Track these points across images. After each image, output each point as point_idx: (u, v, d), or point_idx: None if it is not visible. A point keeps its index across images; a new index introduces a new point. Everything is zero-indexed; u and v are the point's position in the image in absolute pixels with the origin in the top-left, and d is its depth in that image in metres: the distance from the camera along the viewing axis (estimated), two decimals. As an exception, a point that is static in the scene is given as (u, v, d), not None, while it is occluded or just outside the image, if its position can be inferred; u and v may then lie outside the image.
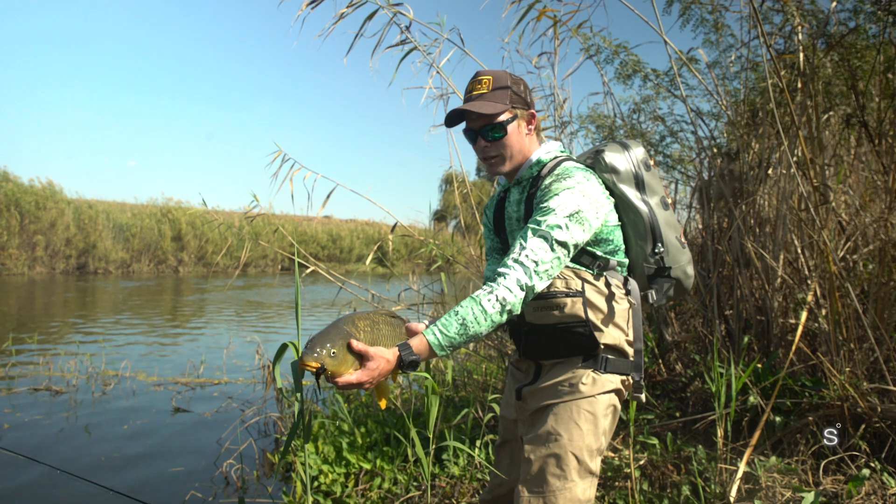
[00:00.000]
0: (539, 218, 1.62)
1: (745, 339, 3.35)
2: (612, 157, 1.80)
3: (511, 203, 1.86)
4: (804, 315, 3.08)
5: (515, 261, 1.56)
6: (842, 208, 3.63)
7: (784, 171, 3.47)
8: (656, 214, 1.79)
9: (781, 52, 3.64)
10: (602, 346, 1.72)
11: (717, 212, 3.92)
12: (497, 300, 1.52)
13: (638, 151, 1.83)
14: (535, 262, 1.56)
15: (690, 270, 1.87)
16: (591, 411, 1.70)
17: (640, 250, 1.81)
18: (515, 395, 1.86)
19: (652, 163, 1.86)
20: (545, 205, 1.63)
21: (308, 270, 4.57)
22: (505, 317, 1.54)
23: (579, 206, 1.62)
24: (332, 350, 1.42)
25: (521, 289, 1.55)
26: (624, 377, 1.77)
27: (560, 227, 1.59)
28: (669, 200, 1.86)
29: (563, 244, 1.60)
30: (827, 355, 3.09)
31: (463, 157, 17.45)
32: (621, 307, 1.75)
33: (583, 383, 1.71)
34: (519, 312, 1.58)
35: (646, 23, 3.37)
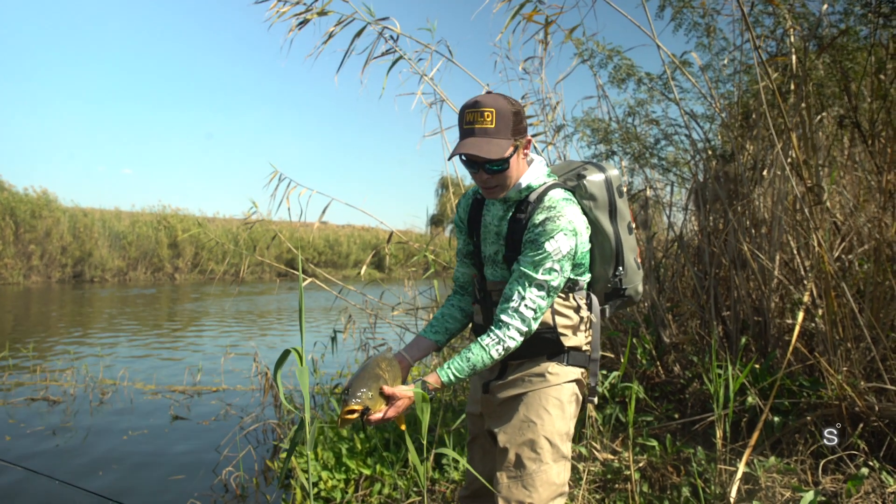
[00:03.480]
0: (536, 260, 1.72)
1: (743, 340, 3.37)
2: (593, 184, 1.89)
3: (492, 214, 1.91)
4: (801, 315, 3.10)
5: (516, 311, 1.73)
6: (836, 209, 3.65)
7: (778, 173, 3.49)
8: (622, 240, 1.92)
9: (774, 55, 3.66)
10: (566, 348, 1.87)
11: (713, 214, 3.94)
12: (503, 348, 1.74)
13: (614, 175, 1.92)
14: (534, 311, 1.73)
15: (640, 287, 2.05)
16: (558, 398, 1.85)
17: (602, 272, 1.94)
18: (482, 389, 1.99)
19: (624, 188, 1.95)
20: (541, 249, 1.72)
21: (306, 282, 4.58)
22: (504, 356, 1.77)
23: (571, 246, 1.75)
24: (370, 393, 1.67)
25: (522, 334, 1.75)
26: (583, 370, 1.92)
27: (556, 271, 1.73)
28: (633, 225, 1.98)
29: (557, 288, 1.76)
30: (824, 355, 3.10)
31: (457, 164, 17.46)
32: (584, 319, 1.90)
33: (549, 373, 1.86)
34: None
35: (638, 27, 3.39)
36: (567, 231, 1.73)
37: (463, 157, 1.76)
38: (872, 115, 3.36)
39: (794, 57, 3.36)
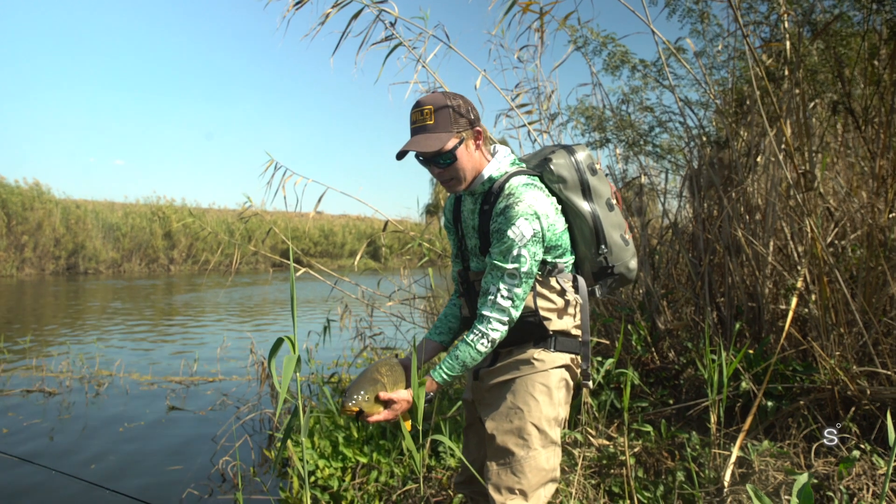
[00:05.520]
0: (502, 249, 1.75)
1: (737, 326, 3.39)
2: (559, 166, 1.89)
3: (467, 209, 1.95)
4: (794, 301, 3.12)
5: (494, 304, 1.76)
6: (830, 195, 3.67)
7: (772, 159, 3.50)
8: (601, 218, 1.91)
9: (768, 40, 3.66)
10: (552, 332, 1.88)
11: (707, 200, 3.95)
12: (488, 341, 1.77)
13: (582, 156, 1.92)
14: (511, 300, 1.76)
15: (633, 265, 2.00)
16: (545, 384, 1.86)
17: (586, 251, 1.93)
18: (473, 376, 2.01)
19: (597, 166, 1.94)
20: (505, 238, 1.74)
21: (300, 272, 4.58)
22: (492, 348, 1.81)
23: (534, 230, 1.75)
24: (366, 396, 1.77)
25: (504, 324, 1.78)
26: (573, 356, 1.93)
27: (523, 257, 1.74)
28: (615, 201, 1.96)
29: (529, 272, 1.76)
30: (817, 340, 3.12)
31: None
32: (570, 302, 1.91)
33: (535, 359, 1.87)
34: None
35: (633, 13, 3.38)
36: (528, 215, 1.74)
37: (419, 158, 1.83)
38: (866, 100, 3.37)
39: (788, 43, 3.35)
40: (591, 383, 1.98)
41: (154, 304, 14.53)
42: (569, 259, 1.90)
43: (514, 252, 1.73)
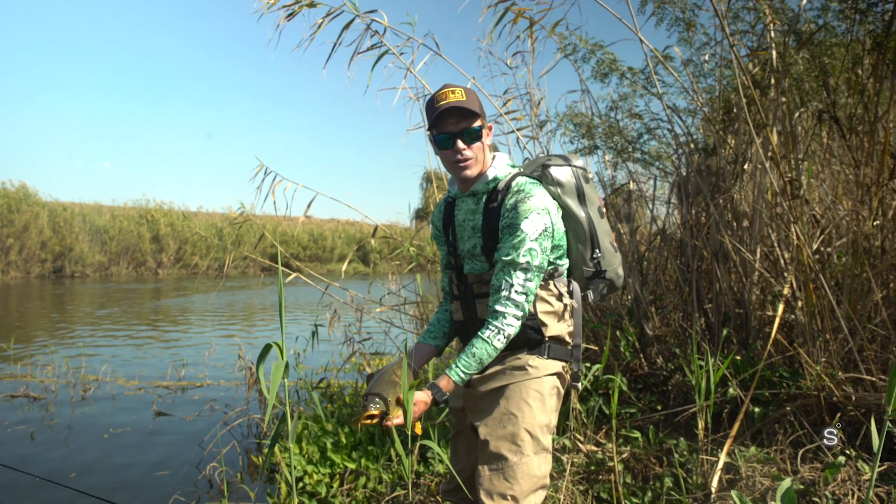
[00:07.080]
0: (514, 244, 1.77)
1: (724, 332, 3.40)
2: (557, 171, 1.95)
3: (463, 212, 1.97)
4: (781, 307, 3.14)
5: (508, 298, 1.78)
6: (816, 202, 3.70)
7: (759, 166, 3.53)
8: (594, 223, 1.97)
9: (754, 49, 3.70)
10: (547, 338, 1.90)
11: (695, 207, 3.98)
12: (504, 337, 1.79)
13: (578, 164, 1.99)
14: (525, 294, 1.78)
15: (621, 271, 2.08)
16: (539, 391, 1.88)
17: (580, 255, 1.98)
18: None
19: (590, 175, 2.01)
20: (518, 231, 1.77)
21: (290, 277, 4.57)
22: (507, 343, 1.82)
23: (545, 224, 1.80)
24: (388, 399, 1.78)
25: (519, 319, 1.80)
26: (564, 364, 1.96)
27: (535, 250, 1.78)
28: (604, 210, 2.03)
29: (540, 266, 1.80)
30: (803, 346, 3.15)
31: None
32: (566, 306, 1.94)
33: (529, 365, 1.89)
34: None
35: (621, 22, 3.41)
36: (539, 210, 1.79)
37: (438, 136, 1.85)
38: (850, 109, 3.41)
39: (774, 52, 3.39)
40: (579, 385, 2.02)
41: (142, 308, 14.41)
42: (566, 262, 1.95)
43: (527, 246, 1.76)
